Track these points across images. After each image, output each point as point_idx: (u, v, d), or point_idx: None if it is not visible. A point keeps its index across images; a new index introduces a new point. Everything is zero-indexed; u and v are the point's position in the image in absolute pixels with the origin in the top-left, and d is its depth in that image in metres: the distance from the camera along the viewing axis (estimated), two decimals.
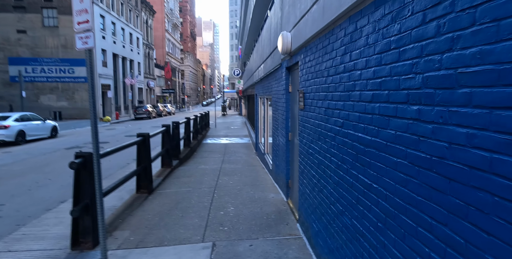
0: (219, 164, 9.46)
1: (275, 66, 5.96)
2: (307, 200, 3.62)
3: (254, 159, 10.56)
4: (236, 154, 11.88)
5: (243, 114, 37.19)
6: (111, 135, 17.87)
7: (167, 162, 8.26)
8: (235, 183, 6.80)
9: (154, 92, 54.67)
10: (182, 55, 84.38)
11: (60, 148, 12.68)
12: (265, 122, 8.83)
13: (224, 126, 23.32)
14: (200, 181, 7.08)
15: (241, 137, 16.98)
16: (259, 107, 10.85)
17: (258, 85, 10.89)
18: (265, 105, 8.73)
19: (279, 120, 5.73)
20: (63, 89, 32.19)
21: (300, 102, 3.91)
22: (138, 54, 45.97)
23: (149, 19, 52.62)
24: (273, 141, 6.70)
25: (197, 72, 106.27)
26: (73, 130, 20.98)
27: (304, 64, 3.69)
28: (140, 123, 27.98)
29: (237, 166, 9.13)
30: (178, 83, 74.36)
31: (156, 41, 60.17)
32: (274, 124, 6.38)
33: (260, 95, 10.18)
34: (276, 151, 6.28)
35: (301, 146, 3.94)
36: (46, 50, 31.61)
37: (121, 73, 38.87)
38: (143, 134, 5.91)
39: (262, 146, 9.94)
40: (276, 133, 6.14)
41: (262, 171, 8.18)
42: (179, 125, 9.48)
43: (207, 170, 8.41)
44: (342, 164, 2.40)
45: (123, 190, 6.32)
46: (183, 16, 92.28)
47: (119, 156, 8.46)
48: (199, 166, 9.22)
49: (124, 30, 40.38)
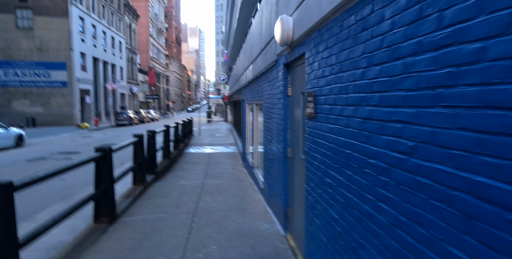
0: (202, 179, 8.26)
1: (268, 64, 4.88)
2: (321, 250, 2.51)
3: (241, 172, 9.41)
4: (221, 165, 10.71)
5: (229, 120, 36.00)
6: (86, 143, 16.39)
7: (139, 179, 7.02)
8: (219, 206, 5.64)
9: (138, 98, 52.89)
10: (167, 61, 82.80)
11: (20, 159, 11.20)
12: (254, 131, 7.73)
13: (209, 134, 22.08)
14: (177, 203, 5.88)
15: (227, 146, 15.81)
16: (246, 114, 9.75)
17: (246, 89, 9.81)
18: (253, 111, 7.63)
19: (273, 130, 4.64)
20: (38, 94, 30.30)
21: (308, 108, 2.83)
22: (121, 59, 44.34)
23: (132, 23, 51.11)
24: (265, 155, 5.59)
25: (183, 78, 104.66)
26: (45, 138, 19.34)
27: (315, 55, 2.62)
28: (120, 130, 26.42)
29: (222, 181, 7.96)
30: (162, 89, 72.64)
31: (140, 45, 58.56)
32: (267, 135, 5.28)
33: (248, 101, 9.09)
34: (269, 167, 5.17)
35: (309, 169, 2.84)
36: (20, 53, 29.76)
37: (102, 78, 37.18)
38: (103, 148, 4.70)
39: (250, 157, 8.81)
40: (269, 146, 5.04)
41: (251, 188, 7.04)
42: (156, 134, 8.27)
43: (187, 187, 7.21)
44: (418, 226, 1.30)
45: (80, 216, 5.08)
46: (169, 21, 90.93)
47: (89, 169, 7.17)
48: (178, 181, 8.00)
49: (105, 34, 38.81)
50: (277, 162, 4.35)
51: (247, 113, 9.66)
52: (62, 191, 7.09)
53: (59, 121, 30.34)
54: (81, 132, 23.88)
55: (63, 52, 30.06)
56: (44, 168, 9.05)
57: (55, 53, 29.97)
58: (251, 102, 8.37)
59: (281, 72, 4.00)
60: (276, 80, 4.35)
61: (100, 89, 36.67)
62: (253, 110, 7.72)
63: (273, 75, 4.61)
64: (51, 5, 29.88)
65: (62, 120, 30.40)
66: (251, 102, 8.39)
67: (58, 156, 11.96)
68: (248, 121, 9.66)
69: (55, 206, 5.98)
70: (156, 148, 8.35)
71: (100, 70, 36.95)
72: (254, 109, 7.57)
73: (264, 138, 5.66)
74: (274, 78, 4.51)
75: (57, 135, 21.39)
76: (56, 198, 6.62)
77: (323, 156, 2.47)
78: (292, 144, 3.76)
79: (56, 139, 18.70)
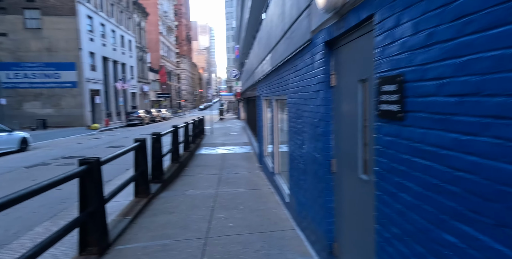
0: (215, 186, 7.24)
1: (295, 49, 3.78)
2: None
3: (259, 177, 8.35)
4: (235, 168, 9.68)
5: (241, 118, 34.99)
6: (93, 146, 15.63)
7: (142, 190, 6.04)
8: (236, 225, 4.59)
9: (149, 97, 52.45)
10: (178, 59, 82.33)
11: (20, 166, 10.42)
12: (274, 132, 6.63)
13: (222, 132, 21.11)
14: (185, 221, 4.86)
15: (241, 146, 14.79)
16: (263, 112, 8.66)
17: (262, 84, 8.71)
18: (273, 109, 6.54)
19: (305, 133, 3.54)
20: (48, 95, 29.93)
21: (382, 104, 1.72)
22: (131, 58, 43.82)
23: (142, 22, 50.53)
24: (292, 162, 4.51)
25: (194, 76, 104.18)
26: (53, 140, 18.72)
27: (402, 12, 1.50)
28: (131, 130, 25.73)
29: (238, 189, 6.92)
30: (174, 87, 72.19)
31: (150, 44, 58.04)
32: (295, 139, 4.19)
33: (265, 97, 8.00)
34: (298, 179, 4.08)
35: (386, 203, 1.74)
36: (29, 54, 29.39)
37: (112, 77, 36.68)
38: (89, 160, 3.70)
39: (269, 161, 7.74)
40: (299, 152, 3.95)
41: (273, 200, 5.97)
42: (162, 137, 7.27)
43: (198, 199, 6.19)
44: None
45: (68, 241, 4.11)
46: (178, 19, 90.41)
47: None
48: (188, 190, 7.00)
49: (114, 32, 38.25)
50: (313, 176, 3.25)
51: (264, 111, 8.57)
52: (56, 205, 6.18)
53: (69, 122, 29.93)
54: (91, 133, 23.27)
55: (72, 52, 29.55)
56: (43, 176, 8.19)
57: (64, 53, 29.48)
58: (269, 98, 7.27)
59: (319, 55, 2.89)
60: (310, 67, 3.24)
61: (110, 89, 36.18)
62: (272, 107, 6.62)
63: (304, 61, 3.50)
64: (58, 5, 29.35)
65: (73, 121, 29.98)
66: (269, 98, 7.29)
67: (61, 161, 11.16)
68: (265, 119, 8.57)
69: (42, 227, 5.05)
70: (162, 152, 7.36)
71: (110, 69, 36.44)
72: (274, 106, 6.48)
73: (291, 142, 4.56)
74: (306, 65, 3.40)
75: (66, 136, 20.79)
76: (46, 214, 5.70)
77: (426, 189, 1.37)
78: (340, 155, 2.66)
79: (64, 141, 18.05)
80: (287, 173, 5.51)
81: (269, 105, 7.69)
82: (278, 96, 5.84)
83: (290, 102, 4.48)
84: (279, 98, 5.77)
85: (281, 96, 5.42)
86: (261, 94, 8.88)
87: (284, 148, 5.87)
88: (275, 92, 6.20)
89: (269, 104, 7.75)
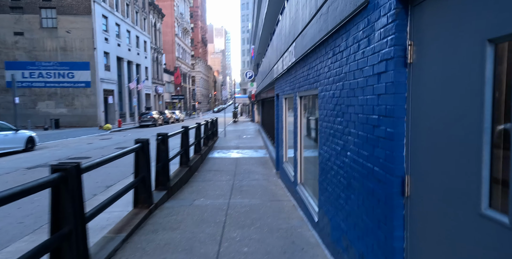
0: (227, 196, 6.33)
1: (336, 23, 2.85)
2: None
3: (277, 185, 7.40)
4: (250, 174, 8.76)
5: (256, 120, 34.10)
6: (101, 146, 15.00)
7: (143, 199, 5.18)
8: (253, 251, 3.65)
9: (163, 98, 52.24)
10: (193, 61, 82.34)
11: (21, 167, 9.77)
12: (298, 134, 5.67)
13: (235, 135, 20.25)
14: (190, 243, 3.95)
15: (256, 149, 13.87)
16: (282, 112, 7.73)
17: (281, 80, 7.79)
18: (297, 107, 5.58)
19: (352, 136, 2.59)
20: (62, 95, 29.80)
21: None
22: (146, 58, 43.66)
23: (157, 23, 50.47)
24: (325, 173, 3.56)
25: (208, 79, 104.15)
26: (62, 140, 18.25)
27: None
28: (143, 131, 25.19)
29: (254, 200, 5.98)
30: (188, 89, 72.06)
31: (165, 45, 58.02)
32: (331, 143, 3.24)
33: (286, 94, 7.06)
34: (336, 196, 3.13)
35: None
36: (44, 53, 29.37)
37: (126, 78, 36.46)
38: (64, 166, 2.84)
39: (290, 169, 6.78)
40: (339, 161, 3.00)
41: (295, 216, 5.01)
42: (167, 138, 6.41)
43: (208, 211, 5.29)
44: None
45: None
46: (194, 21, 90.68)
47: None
48: (196, 199, 6.11)
49: (130, 33, 38.11)
50: (366, 197, 2.29)
51: (283, 111, 7.63)
52: (44, 215, 5.36)
53: (83, 122, 29.69)
54: (102, 134, 22.80)
55: (87, 52, 29.37)
56: None
57: (78, 53, 29.32)
58: (291, 95, 6.33)
59: (386, 18, 1.94)
60: (364, 42, 2.29)
61: (124, 89, 35.94)
62: (296, 105, 5.67)
63: (353, 36, 2.55)
64: (74, 4, 29.26)
65: (86, 121, 29.74)
66: (291, 95, 6.35)
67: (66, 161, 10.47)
68: (285, 120, 7.63)
69: (21, 243, 4.23)
70: (168, 156, 6.51)
71: (124, 70, 36.22)
72: (298, 103, 5.53)
73: (324, 147, 3.61)
74: (356, 41, 2.46)
75: (77, 136, 20.34)
76: (30, 226, 4.89)
77: None
78: (422, 170, 1.69)
79: (74, 142, 17.53)
80: (314, 184, 4.54)
81: (291, 104, 6.75)
82: (304, 92, 4.90)
83: (325, 96, 3.53)
84: (306, 94, 4.82)
85: (309, 91, 4.48)
86: (281, 92, 7.95)
87: (311, 154, 4.91)
88: (299, 88, 5.26)
89: (291, 102, 6.81)
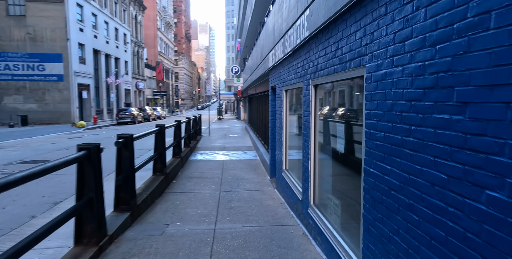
0: (212, 218, 4.79)
1: None
2: None
3: (274, 199, 5.92)
4: (240, 183, 7.24)
5: (242, 118, 32.53)
6: (67, 146, 13.14)
7: (90, 231, 3.57)
8: None
9: (144, 94, 49.87)
10: (177, 57, 79.81)
11: None
12: (312, 139, 4.16)
13: (221, 134, 18.65)
14: None
15: (244, 151, 12.34)
16: (282, 108, 6.21)
17: (281, 68, 6.28)
18: (312, 100, 4.05)
19: (444, 136, 1.05)
20: (31, 89, 27.35)
21: None
22: (125, 52, 41.28)
23: (138, 15, 48.02)
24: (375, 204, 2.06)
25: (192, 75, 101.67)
26: (25, 139, 16.19)
27: None
28: (119, 129, 23.20)
29: (249, 226, 4.46)
30: (171, 86, 69.65)
31: (147, 40, 55.48)
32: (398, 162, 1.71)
33: (288, 86, 5.55)
34: (409, 239, 1.61)
35: None
36: (11, 43, 26.83)
37: (104, 72, 34.14)
38: None
39: (295, 182, 5.30)
40: (429, 197, 1.47)
41: (312, 255, 3.52)
42: (133, 141, 4.79)
43: (184, 247, 3.73)
44: None
45: None
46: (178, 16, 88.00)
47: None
48: (170, 225, 4.53)
49: (108, 24, 35.73)
50: None
51: (283, 107, 6.12)
52: None
53: (55, 118, 27.36)
54: (74, 132, 20.73)
55: (59, 43, 27.01)
56: None
57: (50, 44, 26.94)
58: (298, 84, 4.82)
59: None
60: None
61: (102, 84, 33.64)
62: (308, 97, 4.14)
63: None
64: None
65: (59, 118, 27.42)
66: (298, 85, 4.84)
67: (13, 167, 8.66)
68: (284, 119, 6.12)
69: None
70: (134, 164, 4.88)
71: (102, 63, 33.88)
72: (312, 95, 4.02)
73: (376, 164, 2.13)
74: None
75: (44, 135, 18.26)
76: None
77: None
78: None
79: (38, 141, 15.52)
80: (346, 212, 3.07)
81: (296, 97, 5.26)
82: (326, 77, 3.40)
83: (378, 75, 2.05)
84: (330, 80, 3.32)
85: (338, 74, 2.98)
86: (279, 84, 6.43)
87: (339, 169, 3.43)
88: (315, 72, 3.76)
89: (296, 94, 5.32)
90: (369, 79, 2.35)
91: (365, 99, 2.43)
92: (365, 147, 2.45)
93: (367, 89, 2.40)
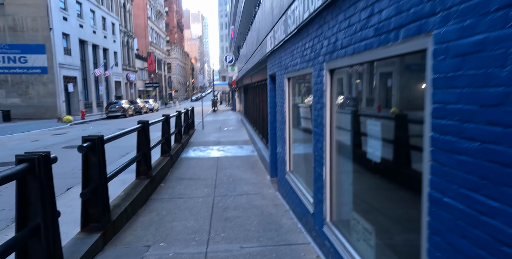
0: (204, 236, 3.91)
1: None
2: None
3: (277, 205, 5.06)
4: (237, 185, 6.37)
5: (237, 109, 31.53)
6: (47, 145, 12.12)
7: None
8: None
9: (135, 86, 48.45)
10: (169, 47, 77.85)
11: None
12: (327, 138, 3.26)
13: (215, 127, 17.71)
14: None
15: (240, 145, 11.45)
16: (284, 99, 5.28)
17: (282, 52, 5.33)
18: (328, 89, 3.14)
19: None
20: (13, 82, 26.01)
21: None
22: (114, 43, 39.72)
23: (127, 3, 46.19)
24: None
25: (186, 66, 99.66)
26: (4, 137, 15.11)
27: None
28: (109, 123, 22.14)
29: (248, 246, 3.60)
30: (164, 77, 68.02)
31: (137, 29, 53.65)
32: None
33: (291, 72, 4.61)
34: None
35: None
36: None
37: (91, 64, 32.75)
38: None
39: (303, 189, 4.44)
40: None
41: None
42: (104, 143, 3.85)
43: None
44: None
45: None
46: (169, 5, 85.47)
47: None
48: (151, 247, 3.65)
49: (94, 13, 34.12)
50: None
51: (286, 97, 5.19)
52: None
53: (40, 113, 26.13)
54: (59, 127, 19.64)
55: (41, 32, 25.56)
56: None
57: (31, 34, 25.48)
58: (306, 70, 3.90)
59: None
60: None
61: (90, 76, 32.29)
62: (322, 86, 3.23)
63: None
64: None
65: (44, 113, 26.19)
66: (306, 71, 3.91)
67: None
68: (287, 112, 5.20)
69: None
70: (106, 172, 3.96)
71: (89, 54, 32.45)
72: (328, 83, 3.11)
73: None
74: None
75: (26, 131, 17.17)
76: None
77: None
78: None
79: (17, 138, 14.47)
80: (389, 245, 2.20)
81: (301, 85, 4.34)
82: (349, 57, 2.48)
83: (464, 45, 1.14)
84: (354, 61, 2.40)
85: (374, 51, 2.07)
86: (280, 71, 5.49)
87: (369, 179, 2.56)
88: (333, 52, 2.84)
89: (302, 82, 4.40)
90: (442, 53, 1.44)
91: (432, 85, 1.52)
92: (431, 162, 1.56)
93: (436, 69, 1.49)
